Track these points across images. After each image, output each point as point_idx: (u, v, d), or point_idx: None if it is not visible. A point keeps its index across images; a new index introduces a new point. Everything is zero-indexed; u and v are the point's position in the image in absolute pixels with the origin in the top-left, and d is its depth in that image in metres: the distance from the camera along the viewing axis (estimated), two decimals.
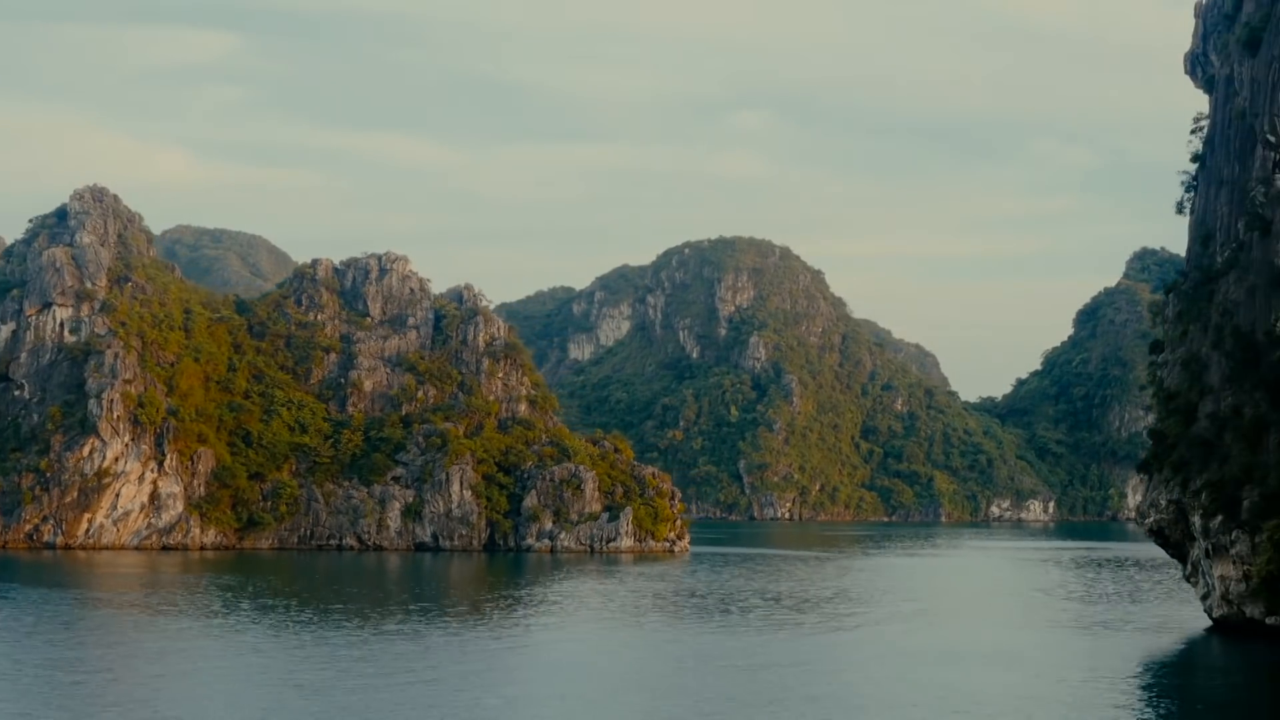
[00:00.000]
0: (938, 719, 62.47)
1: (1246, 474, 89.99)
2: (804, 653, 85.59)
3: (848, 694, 69.51)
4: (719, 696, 67.78)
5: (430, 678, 70.86)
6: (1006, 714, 63.85)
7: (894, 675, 75.24)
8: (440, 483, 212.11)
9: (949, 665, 78.62)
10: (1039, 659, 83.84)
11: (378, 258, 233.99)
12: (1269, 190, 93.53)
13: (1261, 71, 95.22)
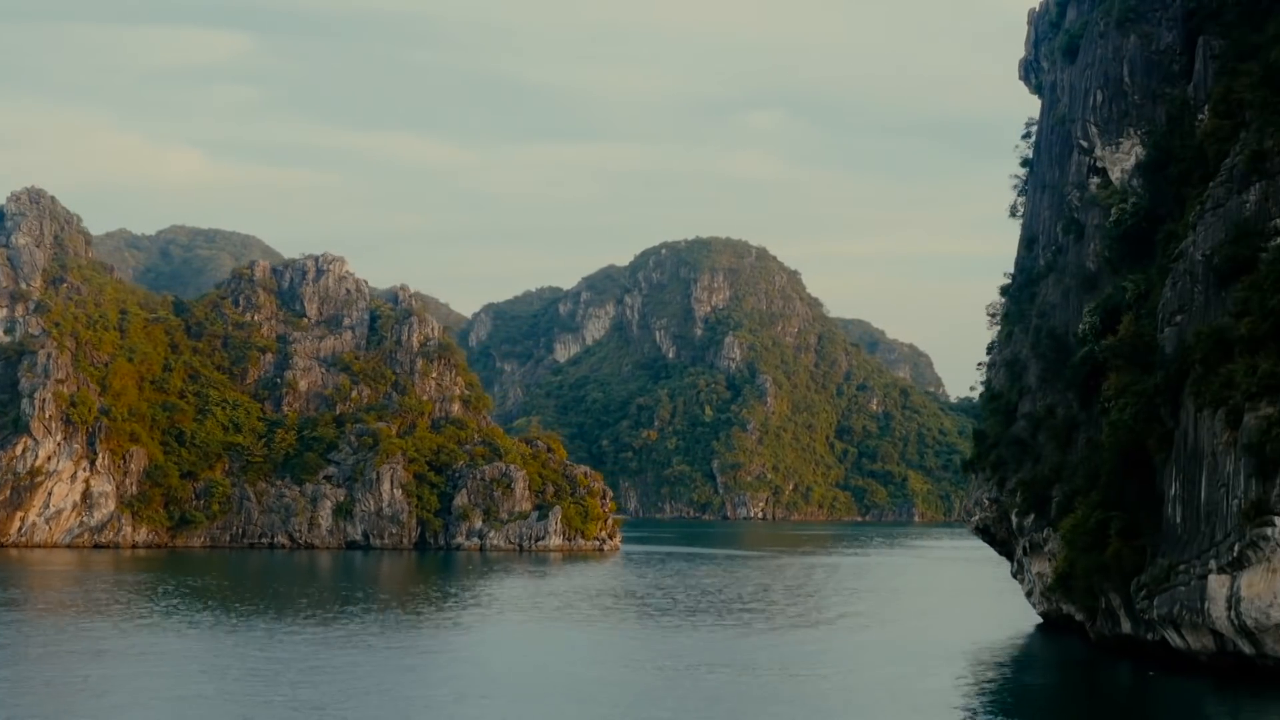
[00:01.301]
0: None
1: (1056, 473, 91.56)
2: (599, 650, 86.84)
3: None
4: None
5: (326, 676, 71.21)
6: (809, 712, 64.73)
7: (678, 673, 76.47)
8: (371, 482, 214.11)
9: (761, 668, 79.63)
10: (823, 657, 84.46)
11: (315, 259, 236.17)
12: (1083, 194, 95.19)
13: (1078, 78, 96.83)
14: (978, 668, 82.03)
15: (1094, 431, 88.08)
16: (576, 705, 65.29)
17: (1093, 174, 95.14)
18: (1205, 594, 73.98)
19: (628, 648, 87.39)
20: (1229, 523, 73.24)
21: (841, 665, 79.88)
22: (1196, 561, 75.07)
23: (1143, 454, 79.86)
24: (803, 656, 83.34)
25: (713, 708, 64.54)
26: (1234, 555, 72.65)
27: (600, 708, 64.15)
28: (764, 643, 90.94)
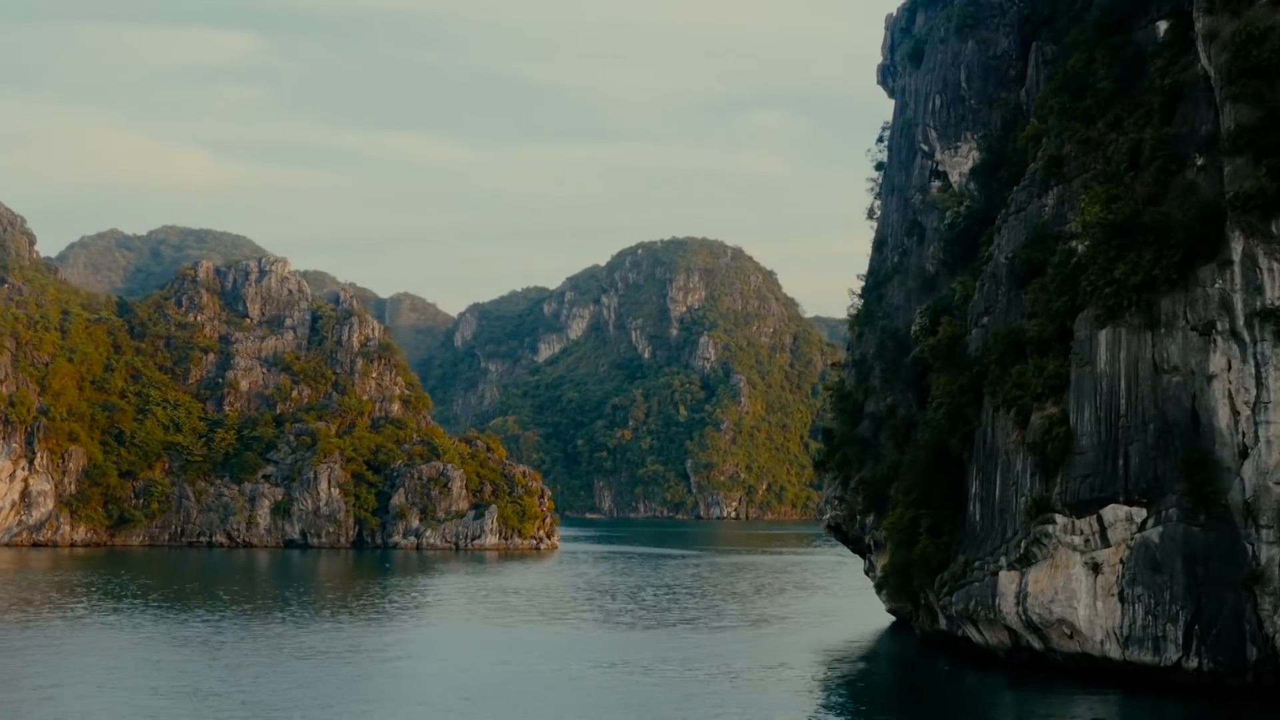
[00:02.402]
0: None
1: (894, 471, 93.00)
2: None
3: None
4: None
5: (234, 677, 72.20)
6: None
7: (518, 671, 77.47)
8: (309, 481, 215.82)
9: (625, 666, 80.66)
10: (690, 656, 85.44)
11: (258, 260, 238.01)
12: (925, 197, 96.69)
13: (921, 83, 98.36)
14: (806, 667, 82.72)
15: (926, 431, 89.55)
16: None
17: (934, 177, 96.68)
18: (996, 590, 75.56)
19: (476, 645, 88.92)
20: (1017, 520, 74.81)
21: (679, 663, 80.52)
22: (990, 559, 76.65)
23: (953, 453, 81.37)
24: (651, 653, 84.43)
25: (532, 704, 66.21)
26: (1021, 552, 74.27)
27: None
28: (618, 640, 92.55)
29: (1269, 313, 67.49)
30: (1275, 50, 68.11)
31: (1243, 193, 67.51)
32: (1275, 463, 67.53)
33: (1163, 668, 68.85)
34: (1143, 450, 70.26)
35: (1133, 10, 78.78)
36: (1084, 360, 72.35)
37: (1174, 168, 72.56)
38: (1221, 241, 69.43)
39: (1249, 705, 65.89)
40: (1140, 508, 70.23)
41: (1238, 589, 67.95)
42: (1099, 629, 70.88)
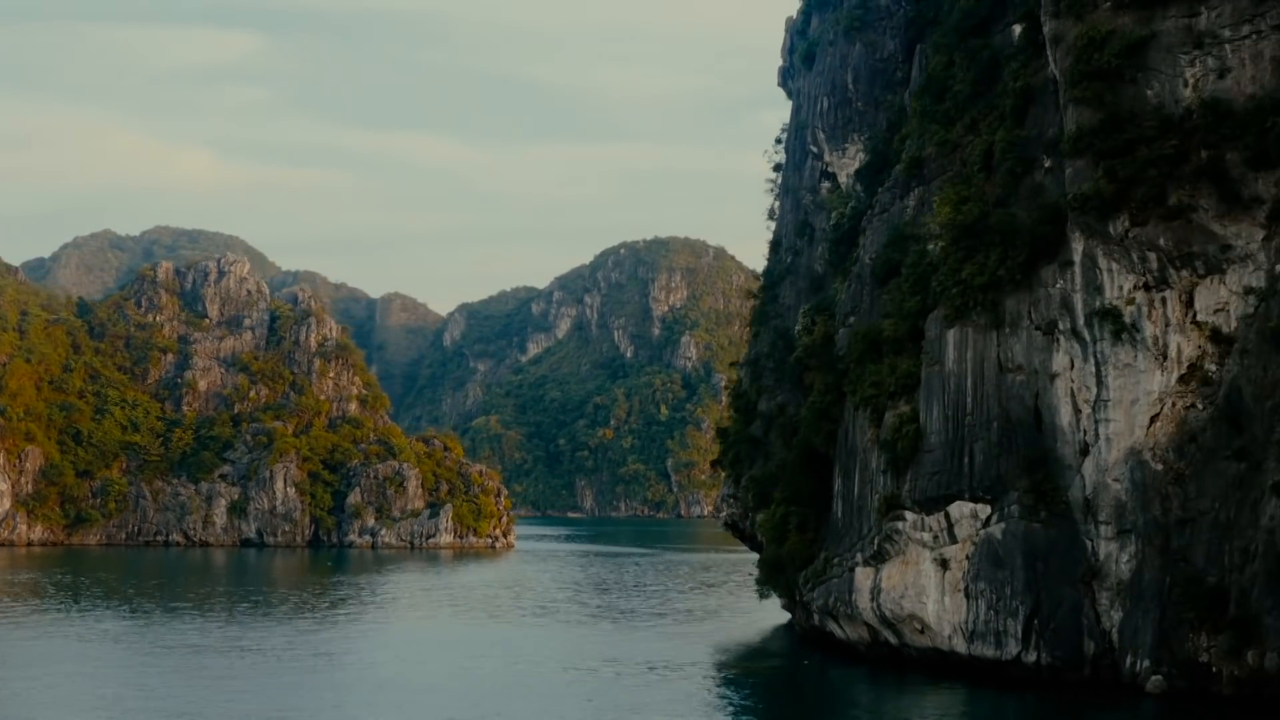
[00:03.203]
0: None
1: (781, 470, 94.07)
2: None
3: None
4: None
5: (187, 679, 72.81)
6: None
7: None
8: (265, 480, 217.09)
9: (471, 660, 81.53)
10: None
11: (217, 260, 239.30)
12: (815, 198, 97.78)
13: (812, 85, 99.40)
14: (689, 663, 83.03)
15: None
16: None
17: (824, 178, 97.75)
18: (853, 586, 76.66)
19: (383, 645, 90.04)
20: (872, 518, 75.90)
21: (556, 661, 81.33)
22: (848, 555, 77.78)
23: (820, 451, 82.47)
24: (551, 649, 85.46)
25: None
26: (875, 549, 75.39)
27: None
28: (520, 636, 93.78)
29: (1107, 312, 68.66)
30: (1116, 54, 69.12)
31: (1081, 194, 68.57)
32: (1114, 460, 68.71)
33: (1004, 662, 70.01)
34: (986, 448, 71.40)
35: (990, 14, 79.85)
36: (933, 360, 73.46)
37: (1022, 170, 73.64)
38: (1063, 242, 70.58)
39: (1085, 698, 67.00)
40: (985, 505, 71.37)
41: (1076, 584, 69.15)
42: (947, 624, 71.99)
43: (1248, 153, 66.12)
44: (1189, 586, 65.06)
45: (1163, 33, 69.16)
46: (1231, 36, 68.15)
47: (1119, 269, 68.81)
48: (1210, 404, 67.15)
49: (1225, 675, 63.50)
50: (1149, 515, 67.11)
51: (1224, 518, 65.31)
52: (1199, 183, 67.10)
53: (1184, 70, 68.91)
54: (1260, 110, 66.54)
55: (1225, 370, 67.03)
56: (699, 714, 64.96)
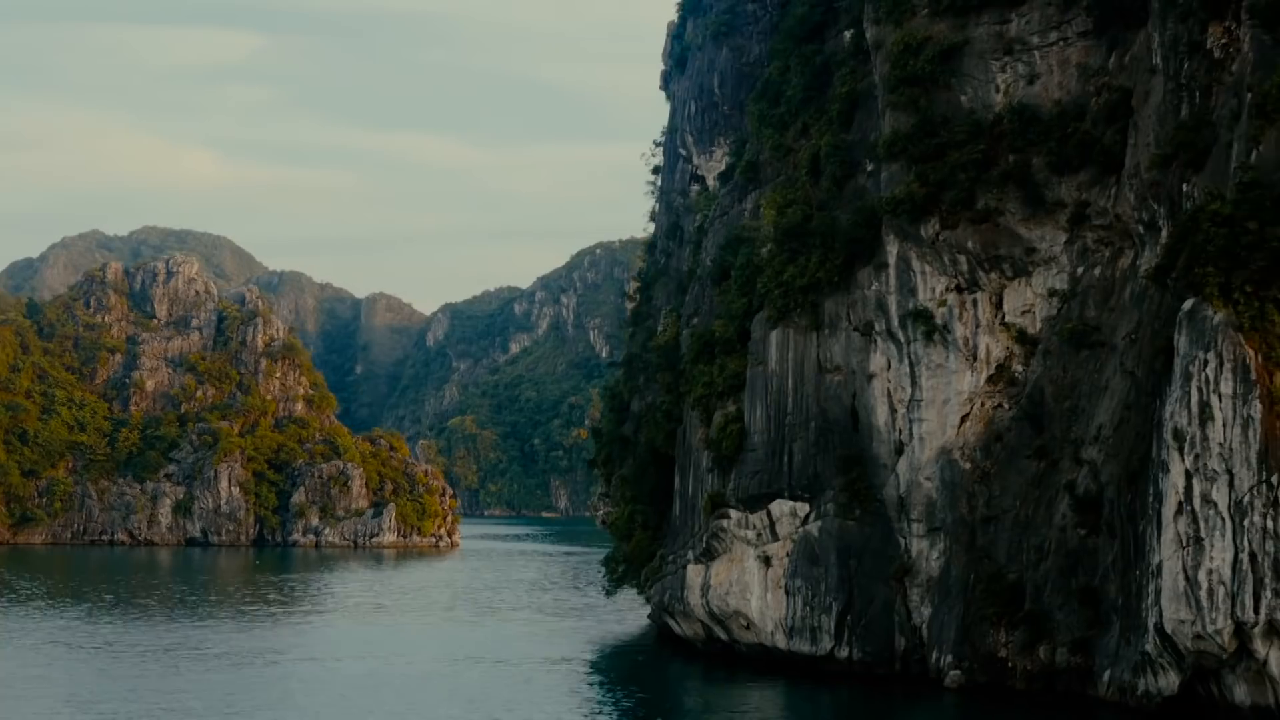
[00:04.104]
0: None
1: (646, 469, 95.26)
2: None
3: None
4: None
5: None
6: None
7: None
8: (209, 479, 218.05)
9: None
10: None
11: (165, 261, 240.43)
12: (685, 201, 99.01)
13: (684, 89, 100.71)
14: (547, 658, 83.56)
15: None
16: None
17: (693, 181, 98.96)
18: (685, 583, 77.88)
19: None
20: (701, 515, 77.17)
21: (431, 656, 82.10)
22: (682, 552, 79.00)
23: (663, 450, 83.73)
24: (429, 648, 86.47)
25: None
26: (704, 546, 76.62)
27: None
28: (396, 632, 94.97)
29: (920, 313, 69.99)
30: (930, 60, 70.45)
31: (894, 198, 69.90)
32: (927, 459, 70.01)
33: (819, 657, 71.25)
34: (805, 447, 72.70)
35: (824, 21, 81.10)
36: (758, 360, 74.72)
37: (846, 174, 74.94)
38: (879, 245, 71.85)
39: (891, 692, 68.25)
40: (804, 503, 72.67)
41: (889, 581, 70.44)
42: (769, 620, 73.23)
43: (1051, 157, 67.62)
44: (990, 583, 66.40)
45: (976, 39, 70.59)
46: (1040, 43, 69.64)
47: (931, 271, 70.11)
48: (1016, 404, 68.51)
49: (1019, 670, 64.82)
50: (956, 513, 68.44)
51: (1023, 516, 66.69)
52: (1006, 187, 68.55)
53: (996, 76, 70.35)
54: (1064, 115, 68.00)
55: (1030, 371, 68.40)
56: (524, 706, 65.79)
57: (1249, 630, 52.84)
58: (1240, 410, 52.84)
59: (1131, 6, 66.39)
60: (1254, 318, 53.01)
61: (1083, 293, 66.80)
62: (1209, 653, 54.37)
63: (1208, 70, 60.23)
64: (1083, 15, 68.23)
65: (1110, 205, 66.25)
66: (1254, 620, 52.49)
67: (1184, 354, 54.40)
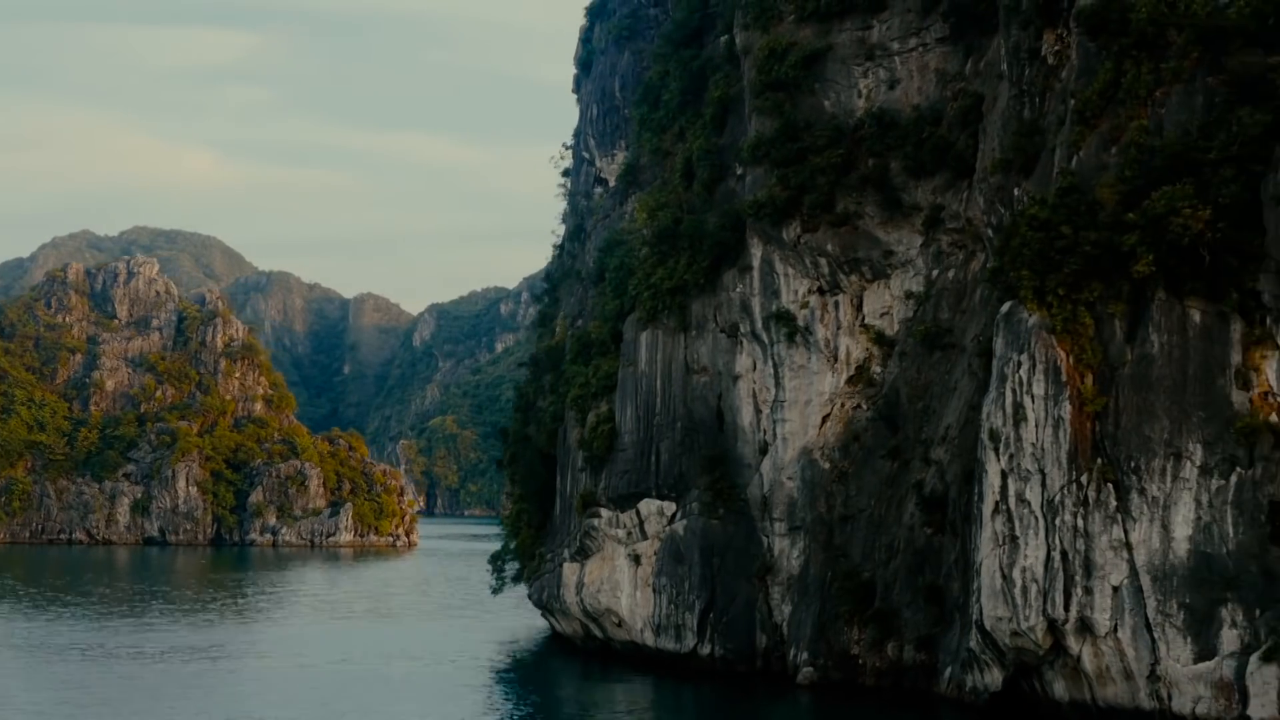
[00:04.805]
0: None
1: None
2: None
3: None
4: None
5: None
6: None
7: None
8: (167, 479, 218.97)
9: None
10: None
11: (126, 261, 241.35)
12: (588, 203, 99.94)
13: (587, 92, 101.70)
14: (450, 655, 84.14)
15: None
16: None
17: (597, 183, 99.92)
18: (562, 581, 78.87)
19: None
20: (575, 514, 78.14)
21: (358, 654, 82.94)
22: (560, 551, 79.97)
23: (547, 450, 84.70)
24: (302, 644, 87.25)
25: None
26: (578, 545, 77.57)
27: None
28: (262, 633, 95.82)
29: (783, 315, 70.95)
30: (794, 65, 71.37)
31: (757, 201, 70.86)
32: (789, 459, 70.98)
33: (683, 654, 72.21)
34: (671, 447, 73.68)
35: (702, 26, 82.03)
36: (629, 361, 75.70)
37: (718, 177, 75.86)
38: (744, 248, 72.78)
39: (749, 689, 69.13)
40: (670, 502, 73.65)
41: (751, 579, 71.37)
42: (639, 618, 74.19)
43: (908, 162, 68.58)
44: (845, 582, 67.36)
45: (839, 45, 71.54)
46: (900, 49, 70.61)
47: (794, 274, 71.07)
48: (874, 405, 69.46)
49: (869, 666, 65.81)
50: (815, 512, 69.41)
51: (877, 515, 67.68)
52: (865, 191, 69.53)
53: (858, 81, 71.32)
54: (921, 120, 68.96)
55: (887, 372, 69.37)
56: (385, 705, 66.58)
57: (1061, 627, 53.82)
58: (1052, 411, 53.80)
59: (986, 13, 67.33)
60: (1066, 320, 53.90)
61: (936, 295, 67.76)
62: (1027, 649, 55.35)
63: (1045, 76, 61.21)
64: (940, 22, 69.21)
65: (962, 209, 67.24)
66: (1064, 617, 53.47)
67: (1000, 355, 55.39)
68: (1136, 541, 52.85)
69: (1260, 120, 52.38)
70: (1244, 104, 53.21)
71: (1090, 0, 57.66)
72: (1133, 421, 53.10)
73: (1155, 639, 52.28)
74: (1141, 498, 52.79)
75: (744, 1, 74.02)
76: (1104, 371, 53.69)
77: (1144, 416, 52.91)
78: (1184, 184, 52.55)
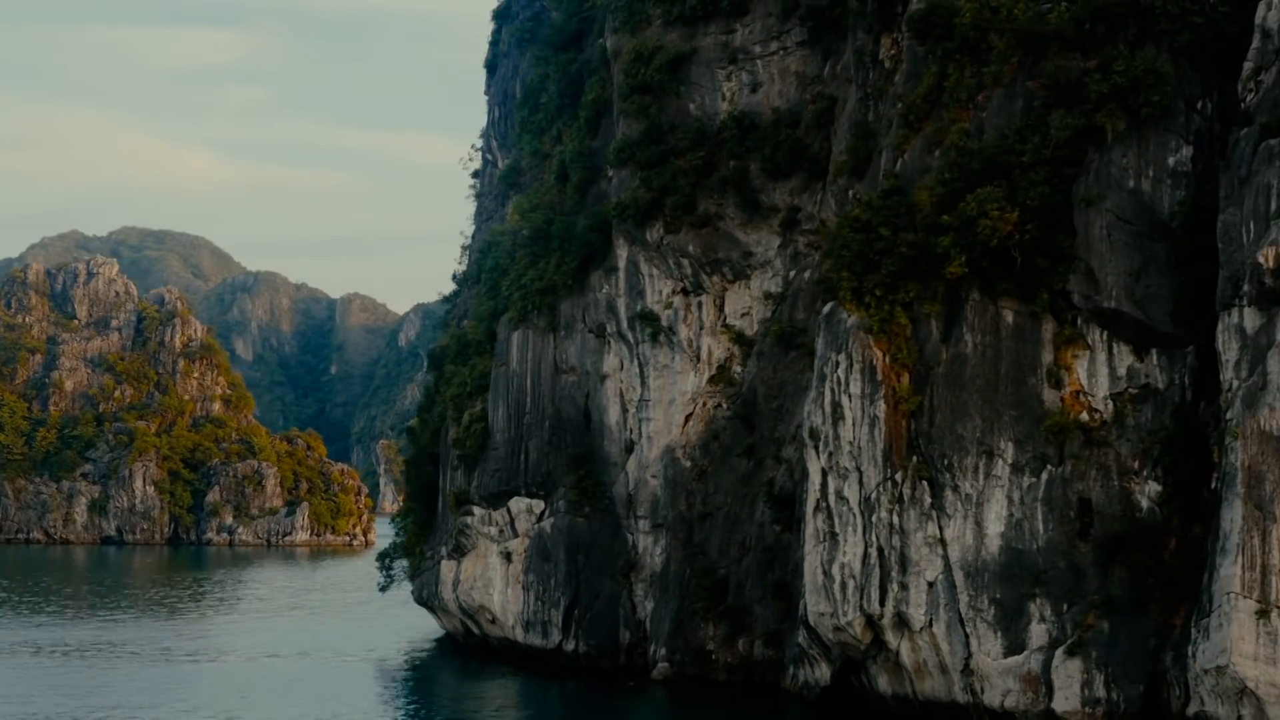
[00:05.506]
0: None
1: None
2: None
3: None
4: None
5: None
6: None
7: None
8: (124, 478, 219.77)
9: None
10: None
11: (86, 262, 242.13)
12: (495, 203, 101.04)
13: (492, 94, 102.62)
14: (329, 656, 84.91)
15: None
16: None
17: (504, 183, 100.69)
18: (439, 579, 79.82)
19: None
20: (450, 512, 79.09)
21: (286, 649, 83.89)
22: (438, 548, 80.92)
23: (429, 449, 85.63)
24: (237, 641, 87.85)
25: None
26: (454, 543, 78.52)
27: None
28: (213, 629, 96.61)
29: (647, 315, 71.88)
30: (659, 69, 72.26)
31: (621, 202, 71.76)
32: (653, 457, 71.89)
33: (549, 650, 73.14)
34: (540, 445, 74.62)
35: (581, 29, 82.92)
36: (501, 361, 76.63)
37: (590, 179, 76.76)
38: (611, 249, 73.69)
39: (608, 685, 70.00)
40: (539, 500, 74.56)
41: (616, 576, 72.27)
42: (510, 614, 75.12)
43: (767, 164, 69.51)
44: (702, 578, 68.21)
45: (703, 48, 72.47)
46: (762, 52, 71.57)
47: (658, 274, 71.99)
48: (733, 404, 70.38)
49: (721, 662, 66.68)
50: (676, 510, 70.30)
51: (733, 512, 68.59)
52: (725, 192, 70.49)
53: (721, 85, 72.27)
54: (780, 123, 69.91)
55: (747, 372, 70.30)
56: (259, 700, 67.33)
57: (879, 622, 54.77)
58: (868, 410, 54.76)
59: (840, 18, 68.22)
60: (883, 320, 54.85)
61: (793, 295, 68.65)
62: (849, 644, 56.33)
63: (882, 80, 62.20)
64: (799, 26, 70.15)
65: (817, 210, 68.16)
66: (880, 613, 54.44)
67: (820, 355, 56.36)
68: (950, 538, 53.86)
69: (1072, 124, 53.48)
70: (1060, 107, 54.28)
71: (919, 5, 58.65)
72: (947, 420, 54.10)
73: (968, 634, 53.29)
74: (955, 495, 53.80)
75: (614, 6, 74.87)
76: (920, 371, 54.67)
77: (957, 415, 53.92)
78: (995, 186, 53.58)
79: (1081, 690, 51.21)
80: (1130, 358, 53.15)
